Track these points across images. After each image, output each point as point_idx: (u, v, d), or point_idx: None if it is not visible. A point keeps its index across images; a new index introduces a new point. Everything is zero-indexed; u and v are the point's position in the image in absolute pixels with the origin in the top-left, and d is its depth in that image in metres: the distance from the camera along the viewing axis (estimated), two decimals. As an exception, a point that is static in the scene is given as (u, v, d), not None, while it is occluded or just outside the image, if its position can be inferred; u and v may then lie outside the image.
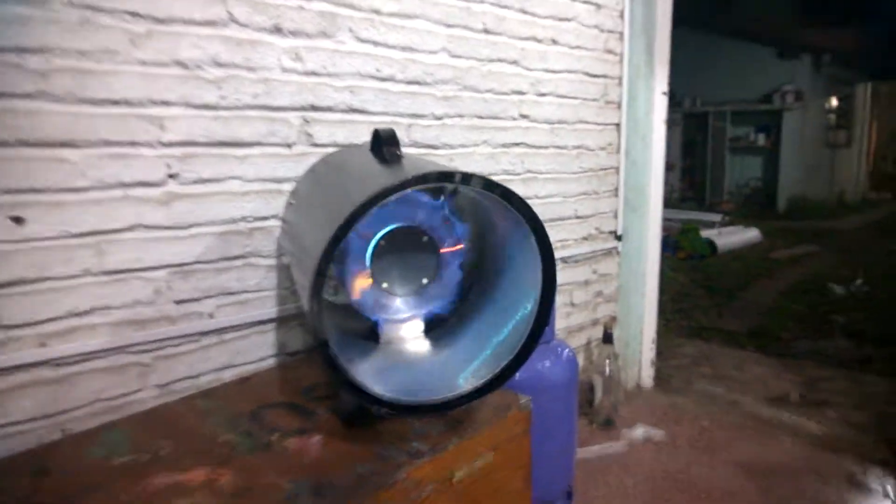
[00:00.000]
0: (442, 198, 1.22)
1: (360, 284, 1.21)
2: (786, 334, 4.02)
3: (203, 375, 1.53)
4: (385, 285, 1.21)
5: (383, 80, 1.76)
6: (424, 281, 1.24)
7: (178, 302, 1.46)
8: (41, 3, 1.20)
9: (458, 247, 1.24)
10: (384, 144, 1.18)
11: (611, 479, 2.13)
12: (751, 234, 7.61)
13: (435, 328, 1.28)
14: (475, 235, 1.26)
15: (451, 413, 1.21)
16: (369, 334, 1.29)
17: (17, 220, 1.21)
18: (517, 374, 1.13)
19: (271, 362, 1.64)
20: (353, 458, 1.15)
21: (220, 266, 1.52)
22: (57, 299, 1.29)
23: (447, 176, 0.98)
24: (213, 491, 1.07)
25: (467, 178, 0.99)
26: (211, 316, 1.52)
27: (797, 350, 3.68)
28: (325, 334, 0.97)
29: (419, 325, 1.27)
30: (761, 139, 10.73)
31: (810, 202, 10.30)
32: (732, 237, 7.32)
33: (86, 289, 1.32)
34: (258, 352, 1.62)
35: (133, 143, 1.34)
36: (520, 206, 1.04)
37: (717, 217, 8.23)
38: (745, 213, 9.42)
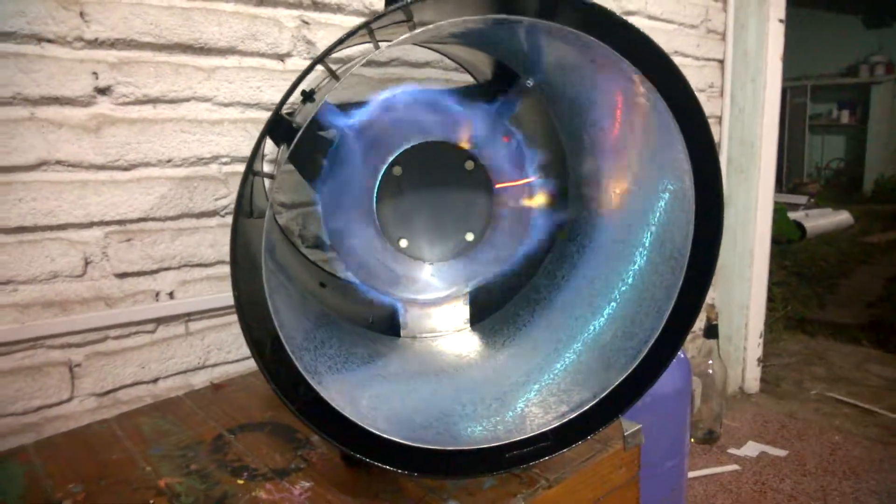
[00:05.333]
0: (499, 97, 0.73)
1: (363, 243, 0.73)
2: None
3: (162, 380, 1.09)
4: (404, 244, 0.73)
5: (415, -30, 1.28)
6: (469, 237, 0.75)
7: (121, 275, 1.02)
8: None
9: (527, 179, 0.75)
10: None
11: (723, 517, 1.61)
12: (842, 217, 6.81)
13: (489, 314, 0.79)
14: (555, 159, 0.76)
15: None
16: (388, 325, 0.81)
17: None
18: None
19: (263, 361, 1.19)
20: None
21: (183, 225, 1.07)
22: (-75, 268, 0.86)
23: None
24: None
25: (549, 3, 0.49)
26: (171, 296, 1.07)
27: None
28: (270, 323, 0.49)
29: (462, 311, 0.78)
30: (845, 116, 9.76)
31: (898, 185, 9.29)
32: (822, 220, 6.56)
33: (-28, 253, 0.89)
34: (243, 347, 1.16)
35: (38, 38, 0.90)
36: (660, 66, 0.54)
37: (801, 199, 7.44)
38: (828, 196, 8.56)
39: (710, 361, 1.94)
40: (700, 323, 2.10)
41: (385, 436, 0.54)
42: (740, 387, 2.36)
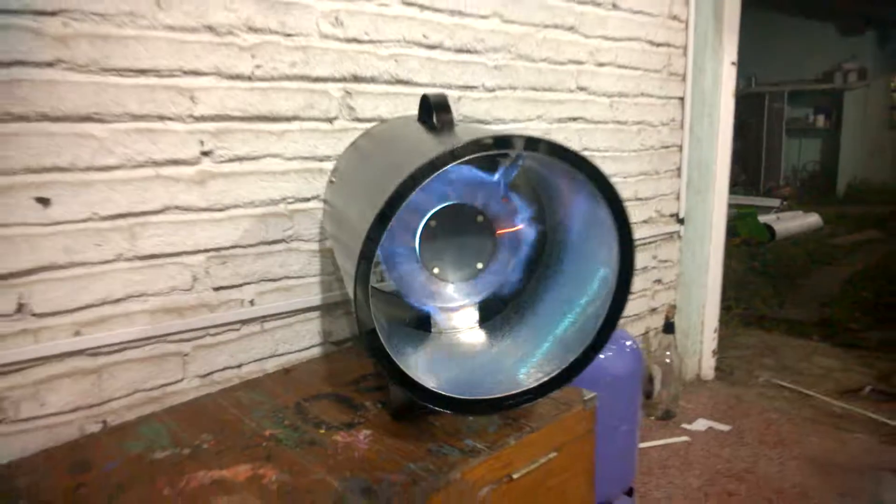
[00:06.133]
0: (498, 172, 1.09)
1: (409, 270, 1.09)
2: (854, 324, 3.77)
3: (245, 365, 1.44)
4: (436, 271, 1.09)
5: (431, 47, 1.64)
6: (479, 266, 1.11)
7: (217, 289, 1.37)
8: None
9: (517, 227, 1.11)
10: (434, 111, 1.06)
11: (673, 475, 1.98)
12: (811, 220, 7.24)
13: (492, 317, 1.16)
14: (536, 214, 1.12)
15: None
16: (420, 324, 1.18)
17: (43, 202, 1.14)
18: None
19: (316, 352, 1.55)
20: (405, 455, 1.05)
21: (260, 250, 1.42)
22: (89, 286, 1.21)
23: (507, 141, 0.86)
24: (258, 488, 0.98)
25: (533, 142, 0.86)
26: (252, 303, 1.43)
27: (867, 341, 3.43)
28: (371, 323, 0.86)
29: (474, 314, 1.15)
30: (820, 120, 10.22)
31: (872, 186, 9.76)
32: (791, 222, 6.97)
33: (119, 275, 1.24)
34: (302, 341, 1.52)
35: (162, 118, 1.25)
36: (593, 174, 0.90)
37: (774, 202, 7.87)
38: (803, 199, 9.00)
39: (668, 353, 2.32)
40: (660, 322, 2.49)
41: (436, 390, 0.90)
42: (697, 374, 2.74)
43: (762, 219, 6.68)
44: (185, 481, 1.01)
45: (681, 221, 2.59)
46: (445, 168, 0.85)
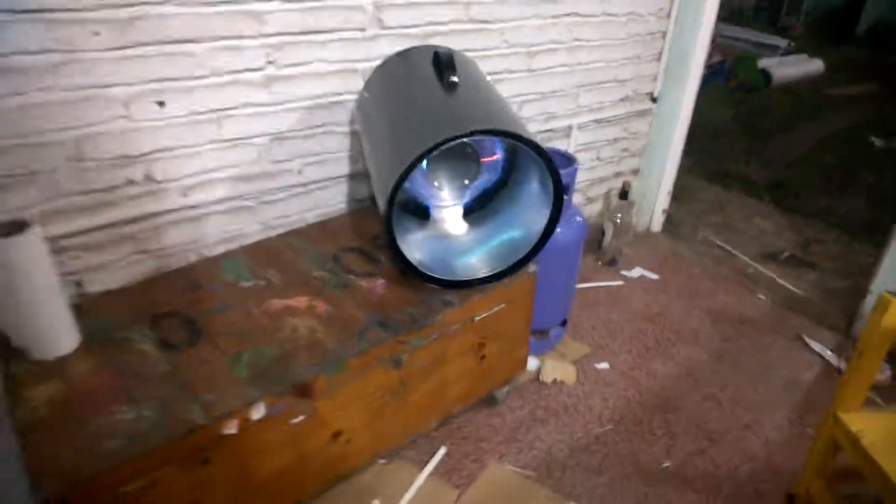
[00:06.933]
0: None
1: (419, 179, 1.59)
2: (805, 190, 4.04)
3: (293, 216, 1.98)
4: (436, 183, 1.60)
5: (449, -33, 1.94)
6: (466, 182, 1.61)
7: (275, 162, 1.86)
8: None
9: (495, 157, 1.59)
10: (443, 68, 1.48)
11: (601, 312, 2.62)
12: (812, 66, 7.24)
13: (469, 215, 1.69)
14: (510, 151, 1.60)
15: (476, 279, 1.67)
16: (421, 212, 1.70)
17: (161, 104, 1.58)
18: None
19: (343, 207, 2.08)
20: (406, 301, 1.62)
21: (307, 133, 1.88)
22: (192, 162, 1.70)
23: (488, 132, 1.32)
24: (314, 315, 1.56)
25: (497, 132, 1.32)
26: (299, 172, 1.92)
27: (809, 208, 3.74)
28: (393, 232, 1.39)
29: (458, 212, 1.67)
30: (861, -55, 9.60)
31: (894, 30, 9.49)
32: (791, 68, 7.00)
33: (211, 153, 1.72)
34: (334, 199, 2.05)
35: (240, 37, 1.64)
36: (542, 158, 1.37)
37: (782, 42, 7.81)
38: (819, 36, 8.82)
39: (619, 215, 2.86)
40: (620, 183, 2.98)
41: (422, 268, 1.47)
42: (647, 228, 3.31)
43: (765, 62, 6.76)
44: (266, 305, 1.60)
45: (654, 100, 2.97)
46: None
